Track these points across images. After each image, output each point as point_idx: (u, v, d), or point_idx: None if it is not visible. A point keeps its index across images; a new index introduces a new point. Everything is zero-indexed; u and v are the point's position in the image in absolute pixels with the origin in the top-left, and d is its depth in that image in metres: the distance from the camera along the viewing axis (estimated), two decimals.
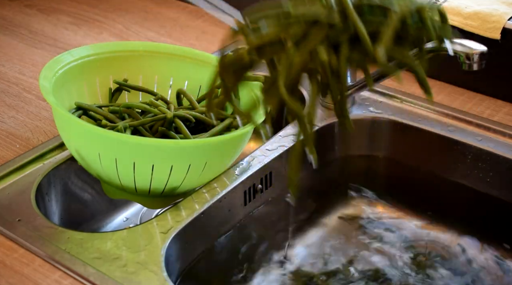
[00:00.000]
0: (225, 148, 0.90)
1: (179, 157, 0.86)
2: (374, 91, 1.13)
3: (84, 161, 0.90)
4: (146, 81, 1.03)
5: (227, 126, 0.94)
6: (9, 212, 0.90)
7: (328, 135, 1.08)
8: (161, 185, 0.88)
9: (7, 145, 1.01)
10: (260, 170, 0.98)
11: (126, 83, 1.01)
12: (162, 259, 0.83)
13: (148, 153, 0.85)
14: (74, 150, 0.91)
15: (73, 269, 0.82)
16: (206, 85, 1.01)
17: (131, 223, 1.07)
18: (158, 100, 0.99)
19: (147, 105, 0.96)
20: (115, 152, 0.85)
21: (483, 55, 0.90)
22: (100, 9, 1.40)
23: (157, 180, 0.87)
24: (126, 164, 0.86)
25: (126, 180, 0.88)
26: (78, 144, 0.89)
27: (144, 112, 0.96)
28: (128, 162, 0.85)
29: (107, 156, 0.86)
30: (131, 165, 0.86)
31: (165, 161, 0.85)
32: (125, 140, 0.85)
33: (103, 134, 0.86)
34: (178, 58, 1.04)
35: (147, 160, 0.85)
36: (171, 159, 0.85)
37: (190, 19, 1.36)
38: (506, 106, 1.10)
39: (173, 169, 0.86)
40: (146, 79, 1.04)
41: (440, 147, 1.05)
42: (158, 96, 1.00)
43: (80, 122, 0.88)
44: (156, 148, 0.85)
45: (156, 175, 0.87)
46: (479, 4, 1.10)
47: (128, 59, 1.03)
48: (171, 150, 0.85)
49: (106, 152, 0.86)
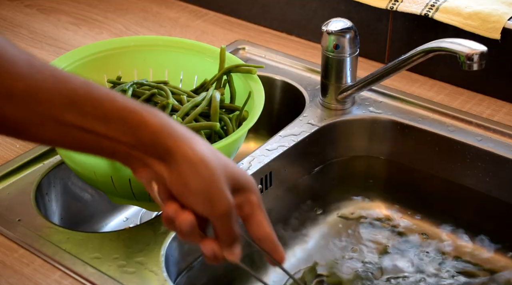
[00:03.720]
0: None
1: None
2: (374, 91, 1.13)
3: (81, 176, 0.90)
4: (140, 75, 1.03)
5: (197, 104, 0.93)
6: (9, 212, 0.90)
7: (328, 135, 1.08)
8: None
9: (7, 145, 1.01)
10: (260, 170, 0.98)
11: (119, 81, 1.01)
12: (162, 259, 0.83)
13: None
14: (71, 167, 0.90)
15: (73, 269, 0.82)
16: (201, 75, 1.02)
17: (131, 223, 1.07)
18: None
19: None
20: (110, 171, 0.84)
21: (483, 55, 0.90)
22: (100, 9, 1.40)
23: None
24: (121, 181, 0.85)
25: (124, 192, 0.88)
26: (72, 163, 0.88)
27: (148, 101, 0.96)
28: (124, 179, 0.85)
29: (103, 174, 0.85)
30: (127, 182, 0.85)
31: None
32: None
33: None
34: (171, 50, 1.04)
35: None
36: None
37: (190, 19, 1.36)
38: (506, 106, 1.10)
39: None
40: (140, 73, 1.03)
41: (440, 147, 1.05)
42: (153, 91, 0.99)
43: None
44: None
45: None
46: (479, 4, 1.10)
47: (120, 56, 1.03)
48: None
49: (100, 171, 0.85)
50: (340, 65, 1.05)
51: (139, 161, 0.65)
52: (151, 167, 0.65)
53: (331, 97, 1.08)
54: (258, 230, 0.69)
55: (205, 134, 0.91)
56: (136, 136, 0.64)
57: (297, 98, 1.14)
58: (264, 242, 0.69)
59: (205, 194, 0.64)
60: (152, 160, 0.65)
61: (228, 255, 0.68)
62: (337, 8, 1.22)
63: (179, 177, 0.64)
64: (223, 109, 0.97)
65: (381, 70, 1.02)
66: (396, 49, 1.18)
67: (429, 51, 0.95)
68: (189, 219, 0.65)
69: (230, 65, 0.99)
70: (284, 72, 1.19)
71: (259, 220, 0.69)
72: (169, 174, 0.65)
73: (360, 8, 1.19)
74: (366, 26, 1.19)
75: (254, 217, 0.68)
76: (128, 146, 0.64)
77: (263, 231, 0.69)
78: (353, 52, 1.05)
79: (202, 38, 1.29)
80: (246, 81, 0.97)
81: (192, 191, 0.64)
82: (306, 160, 1.07)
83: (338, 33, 1.03)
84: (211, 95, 0.95)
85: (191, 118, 0.92)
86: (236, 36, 1.30)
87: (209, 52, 1.03)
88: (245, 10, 1.34)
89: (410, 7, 1.12)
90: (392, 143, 1.09)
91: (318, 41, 1.11)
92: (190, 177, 0.64)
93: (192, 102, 0.93)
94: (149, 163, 0.65)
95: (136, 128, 0.64)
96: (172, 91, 0.98)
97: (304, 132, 1.05)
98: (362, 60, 1.18)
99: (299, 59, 1.22)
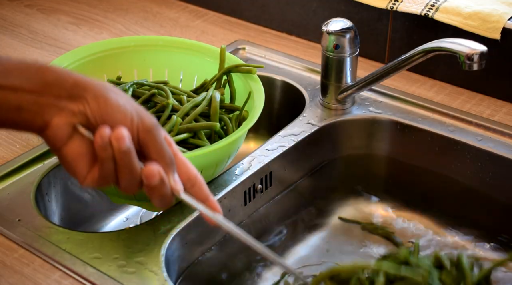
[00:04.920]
0: (219, 155, 0.89)
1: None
2: (374, 91, 1.13)
3: None
4: (140, 75, 1.03)
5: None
6: (9, 212, 0.90)
7: (328, 135, 1.08)
8: None
9: (7, 145, 1.01)
10: (260, 170, 0.98)
11: (119, 81, 1.01)
12: (162, 259, 0.83)
13: None
14: None
15: (73, 269, 0.82)
16: (201, 75, 1.02)
17: (131, 223, 1.07)
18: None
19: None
20: None
21: (483, 55, 0.90)
22: (100, 9, 1.40)
23: None
24: None
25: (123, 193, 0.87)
26: None
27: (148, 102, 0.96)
28: None
29: None
30: None
31: None
32: None
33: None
34: (171, 50, 1.04)
35: None
36: None
37: (190, 19, 1.36)
38: (506, 106, 1.10)
39: None
40: (140, 73, 1.03)
41: (440, 147, 1.05)
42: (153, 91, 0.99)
43: None
44: None
45: None
46: (479, 4, 1.10)
47: (120, 56, 1.03)
48: None
49: None
50: (340, 65, 1.05)
51: (51, 108, 0.63)
52: (66, 109, 0.63)
53: (331, 97, 1.09)
54: (187, 171, 0.68)
55: (205, 134, 0.91)
56: (41, 79, 0.62)
57: (297, 98, 1.14)
58: (194, 186, 0.68)
59: (132, 106, 0.64)
60: (64, 101, 0.63)
61: (173, 184, 0.66)
62: (337, 8, 1.22)
63: (99, 101, 0.63)
64: (223, 109, 0.97)
65: (381, 70, 1.02)
66: (396, 49, 1.18)
67: (429, 51, 0.95)
68: (122, 131, 0.63)
69: (230, 65, 0.99)
70: (284, 72, 1.19)
71: (182, 160, 0.68)
72: (88, 105, 0.63)
73: (360, 8, 1.19)
74: (366, 26, 1.19)
75: (177, 157, 0.67)
76: (35, 94, 0.62)
77: (191, 171, 0.68)
78: (353, 52, 1.05)
79: (202, 38, 1.29)
80: (246, 81, 0.97)
81: (119, 107, 0.63)
82: (306, 160, 1.07)
83: (338, 33, 1.03)
84: (211, 95, 0.95)
85: (191, 118, 0.92)
86: (236, 36, 1.30)
87: (209, 52, 1.03)
88: (245, 10, 1.34)
89: (410, 7, 1.12)
90: (392, 143, 1.09)
91: (318, 41, 1.11)
92: (111, 95, 0.63)
93: (192, 102, 0.93)
94: (62, 106, 0.63)
95: (39, 72, 0.63)
96: (172, 91, 0.98)
97: (304, 132, 1.05)
98: (362, 60, 1.18)
99: (299, 59, 1.22)
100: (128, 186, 0.66)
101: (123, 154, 0.64)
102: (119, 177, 0.66)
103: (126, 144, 0.63)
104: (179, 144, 0.87)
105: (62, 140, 0.64)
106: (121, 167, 0.65)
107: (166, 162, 0.66)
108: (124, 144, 0.63)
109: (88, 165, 0.65)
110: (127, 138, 0.63)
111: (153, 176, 0.65)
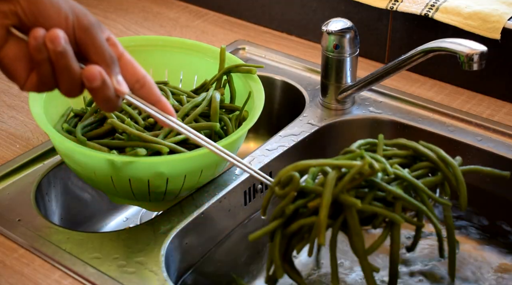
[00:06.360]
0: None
1: (174, 171, 0.84)
2: (374, 91, 1.13)
3: (81, 176, 0.90)
4: None
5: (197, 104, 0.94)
6: (9, 212, 0.90)
7: (328, 135, 1.08)
8: (159, 195, 0.88)
9: (7, 145, 1.01)
10: (260, 170, 0.98)
11: None
12: (162, 259, 0.83)
13: (142, 170, 0.83)
14: (71, 167, 0.90)
15: (73, 269, 0.82)
16: (201, 75, 1.02)
17: (131, 223, 1.07)
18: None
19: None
20: (110, 171, 0.84)
21: (483, 55, 0.90)
22: (100, 9, 1.41)
23: (154, 193, 0.87)
24: (121, 181, 0.85)
25: (124, 192, 0.88)
26: (72, 163, 0.88)
27: None
28: (124, 179, 0.85)
29: (103, 174, 0.85)
30: (127, 182, 0.85)
31: (160, 177, 0.84)
32: (119, 161, 0.82)
33: (95, 155, 0.83)
34: (171, 50, 1.04)
35: (142, 177, 0.84)
36: (166, 174, 0.84)
37: (190, 19, 1.36)
38: (506, 106, 1.10)
39: (169, 181, 0.85)
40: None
41: (440, 147, 1.05)
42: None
43: (72, 145, 0.84)
44: (150, 166, 0.83)
45: (152, 188, 0.86)
46: (479, 4, 1.10)
47: None
48: (165, 166, 0.84)
49: (100, 171, 0.84)
50: (340, 65, 1.05)
51: None
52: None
53: (331, 97, 1.09)
54: (135, 73, 0.66)
55: (205, 134, 0.91)
56: None
57: (297, 98, 1.14)
58: (143, 88, 0.66)
59: (67, 4, 0.61)
60: None
61: (116, 85, 0.64)
62: (337, 8, 1.22)
63: (30, 0, 0.60)
64: (223, 109, 0.97)
65: (381, 70, 1.02)
66: (396, 49, 1.18)
67: (429, 51, 0.95)
68: (57, 31, 0.60)
69: (230, 65, 0.99)
70: (284, 72, 1.19)
71: (129, 61, 0.66)
72: (19, 4, 0.60)
73: (360, 8, 1.19)
74: (366, 26, 1.19)
75: (123, 59, 0.65)
76: None
77: (139, 72, 0.66)
78: (353, 52, 1.05)
79: (202, 38, 1.29)
80: (246, 81, 0.97)
81: (52, 4, 0.60)
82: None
83: (338, 33, 1.03)
84: (211, 95, 0.95)
85: (191, 118, 0.92)
86: (236, 36, 1.30)
87: (209, 52, 1.03)
88: (245, 10, 1.34)
89: (410, 7, 1.12)
90: None
91: (318, 41, 1.11)
92: None
93: (192, 102, 0.93)
94: None
95: None
96: (172, 92, 0.98)
97: (304, 132, 1.05)
98: (362, 60, 1.18)
99: (299, 59, 1.22)
100: (69, 89, 0.63)
101: (59, 55, 0.61)
102: (58, 80, 0.63)
103: (62, 45, 0.60)
104: (179, 144, 0.87)
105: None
106: (59, 70, 0.62)
107: (107, 62, 0.63)
108: (59, 44, 0.60)
109: (26, 69, 0.62)
110: (62, 38, 0.60)
111: (94, 78, 0.62)
